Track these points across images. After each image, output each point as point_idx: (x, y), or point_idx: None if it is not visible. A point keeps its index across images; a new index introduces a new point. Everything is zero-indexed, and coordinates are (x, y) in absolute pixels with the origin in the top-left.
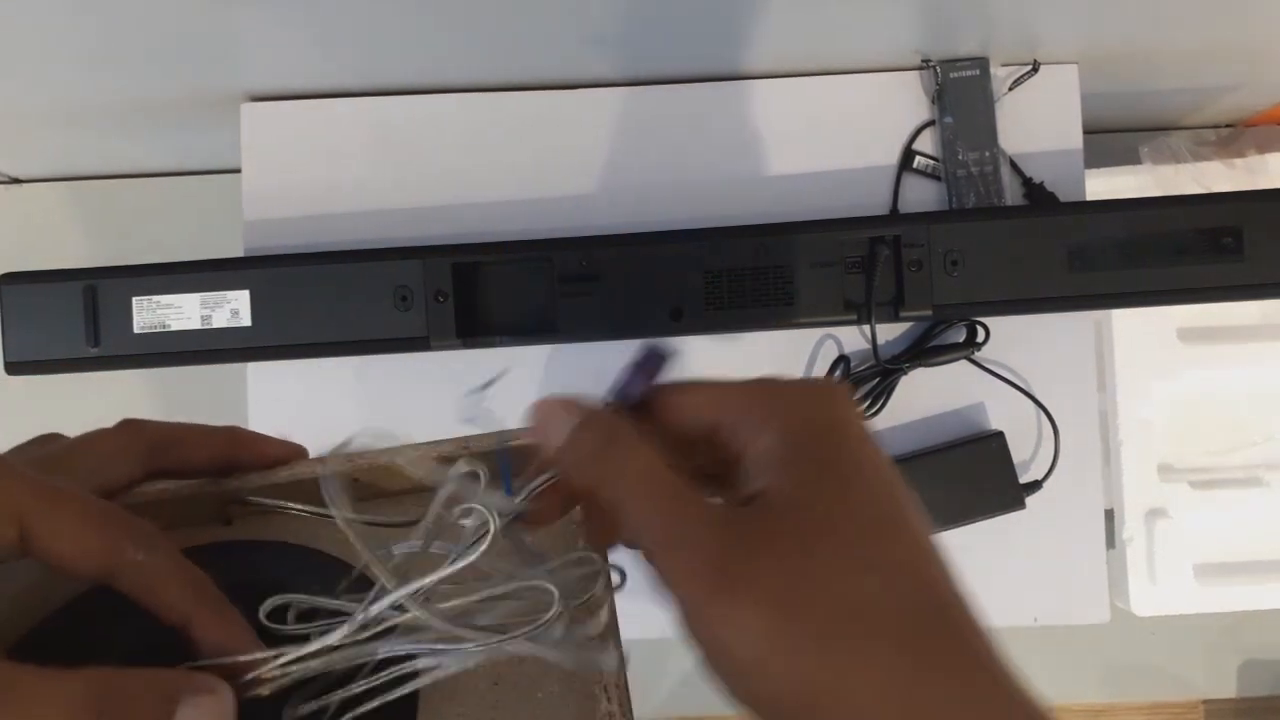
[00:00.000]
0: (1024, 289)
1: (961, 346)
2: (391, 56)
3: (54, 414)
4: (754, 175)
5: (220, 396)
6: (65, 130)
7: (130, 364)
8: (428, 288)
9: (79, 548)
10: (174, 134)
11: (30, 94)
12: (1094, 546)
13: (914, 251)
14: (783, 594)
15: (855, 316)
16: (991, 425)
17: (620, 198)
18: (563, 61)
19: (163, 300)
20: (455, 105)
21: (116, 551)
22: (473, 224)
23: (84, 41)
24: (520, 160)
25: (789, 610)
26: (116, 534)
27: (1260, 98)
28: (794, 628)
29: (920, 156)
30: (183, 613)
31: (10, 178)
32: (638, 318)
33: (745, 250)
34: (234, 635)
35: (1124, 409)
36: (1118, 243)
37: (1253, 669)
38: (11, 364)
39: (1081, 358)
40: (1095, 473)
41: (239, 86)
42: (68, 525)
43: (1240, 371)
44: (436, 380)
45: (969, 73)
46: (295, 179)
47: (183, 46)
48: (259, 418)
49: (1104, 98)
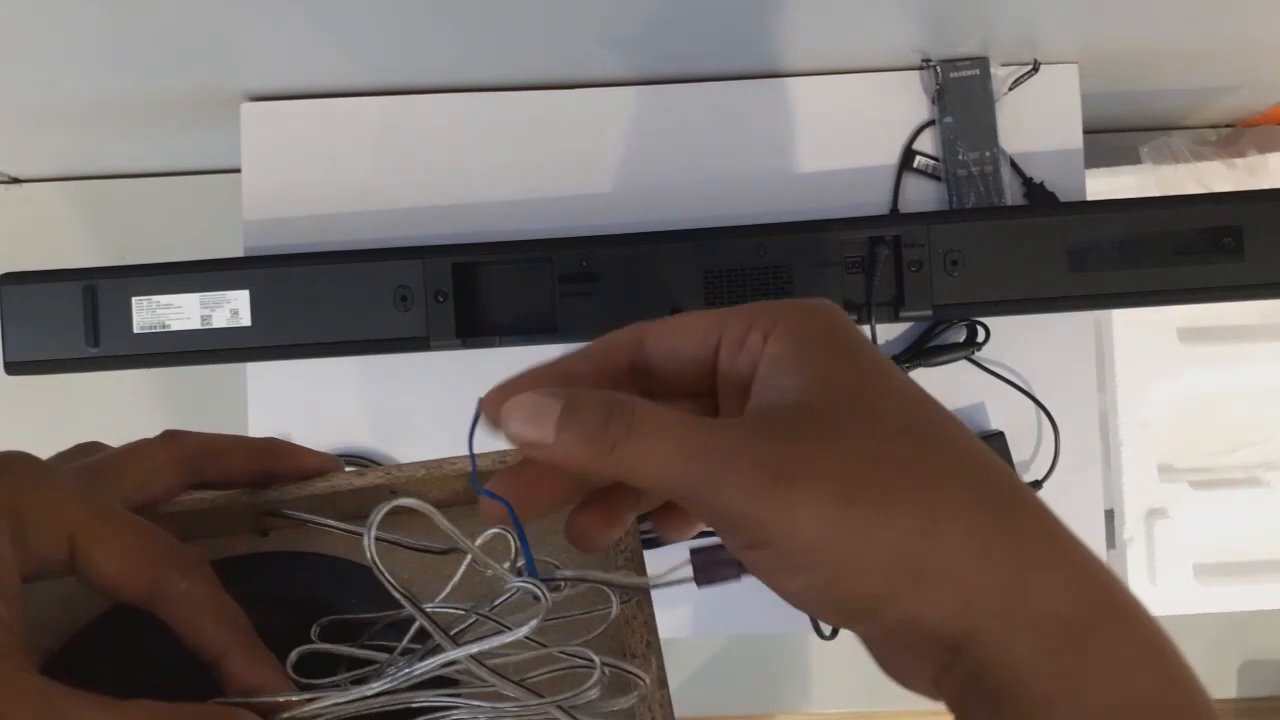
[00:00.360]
0: (1024, 289)
1: (961, 346)
2: (392, 57)
3: (54, 414)
4: (754, 175)
5: (220, 396)
6: (65, 130)
7: (130, 364)
8: (428, 288)
9: (126, 571)
10: (174, 134)
11: (30, 93)
12: (1094, 546)
13: (914, 251)
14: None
15: (855, 316)
16: (992, 425)
17: (620, 198)
18: (563, 62)
19: (163, 300)
20: (455, 105)
21: (162, 578)
22: (473, 224)
23: (84, 41)
24: (520, 160)
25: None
26: (163, 560)
27: (1260, 98)
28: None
29: (920, 156)
30: (218, 648)
31: (10, 177)
32: (638, 318)
33: (745, 250)
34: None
35: (1124, 409)
36: (1118, 243)
37: (1253, 669)
38: (11, 364)
39: (1081, 358)
40: (1095, 473)
41: (239, 86)
42: (118, 548)
43: (1240, 371)
44: (436, 380)
45: (969, 72)
46: (295, 179)
47: (183, 47)
48: (259, 418)
49: (1104, 98)
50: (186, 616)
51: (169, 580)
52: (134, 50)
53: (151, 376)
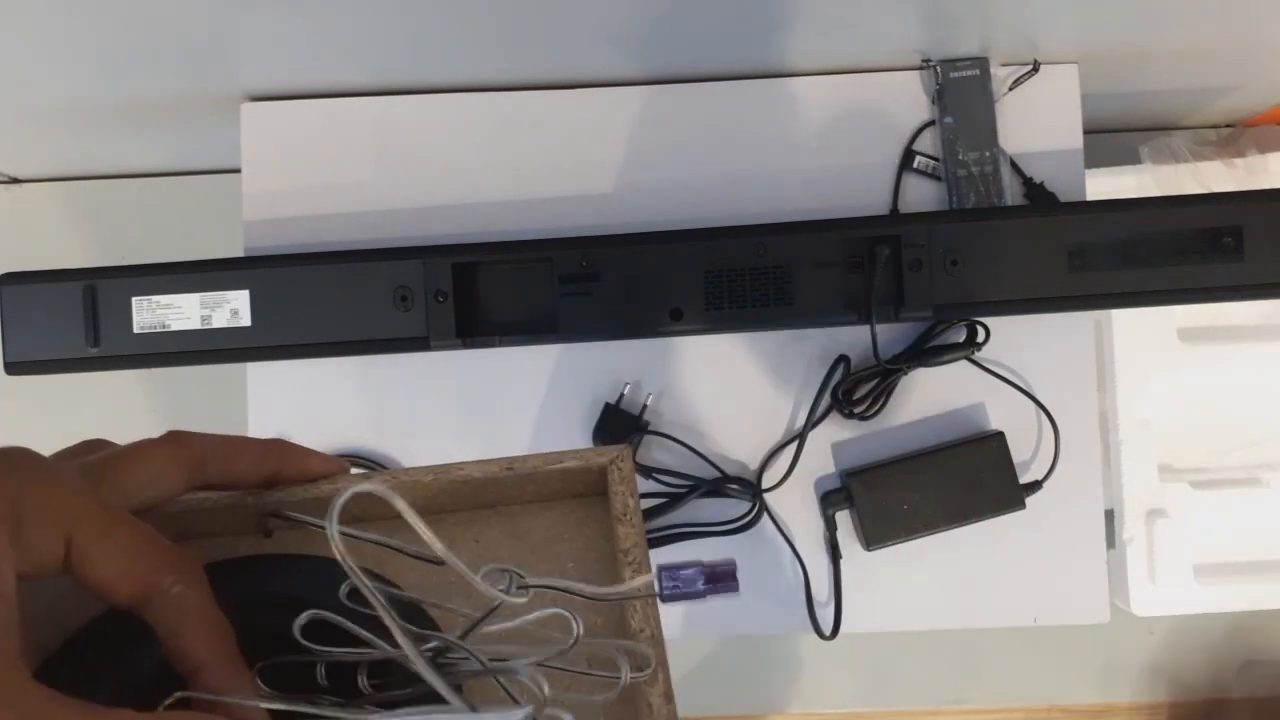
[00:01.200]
0: (1024, 289)
1: (962, 346)
2: (391, 57)
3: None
4: (754, 175)
5: (220, 397)
6: (65, 130)
7: (130, 364)
8: (428, 288)
9: (122, 574)
10: (174, 134)
11: (30, 94)
12: (1094, 547)
13: (914, 251)
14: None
15: (855, 316)
16: (991, 425)
17: (620, 197)
18: (563, 62)
19: (162, 300)
20: (455, 105)
21: (155, 584)
22: (473, 224)
23: (84, 42)
24: (520, 160)
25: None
26: (160, 566)
27: (1260, 98)
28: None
29: (920, 156)
30: (199, 659)
31: (10, 177)
32: (638, 318)
33: (745, 250)
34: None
35: (1124, 409)
36: (1118, 243)
37: (1253, 669)
38: (11, 364)
39: (1081, 358)
40: (1095, 473)
41: (239, 86)
42: (115, 550)
43: (1240, 371)
44: (436, 380)
45: (969, 73)
46: (295, 179)
47: (182, 47)
48: (259, 418)
49: (1104, 98)
50: (172, 623)
51: (162, 585)
52: (134, 51)
53: (152, 377)
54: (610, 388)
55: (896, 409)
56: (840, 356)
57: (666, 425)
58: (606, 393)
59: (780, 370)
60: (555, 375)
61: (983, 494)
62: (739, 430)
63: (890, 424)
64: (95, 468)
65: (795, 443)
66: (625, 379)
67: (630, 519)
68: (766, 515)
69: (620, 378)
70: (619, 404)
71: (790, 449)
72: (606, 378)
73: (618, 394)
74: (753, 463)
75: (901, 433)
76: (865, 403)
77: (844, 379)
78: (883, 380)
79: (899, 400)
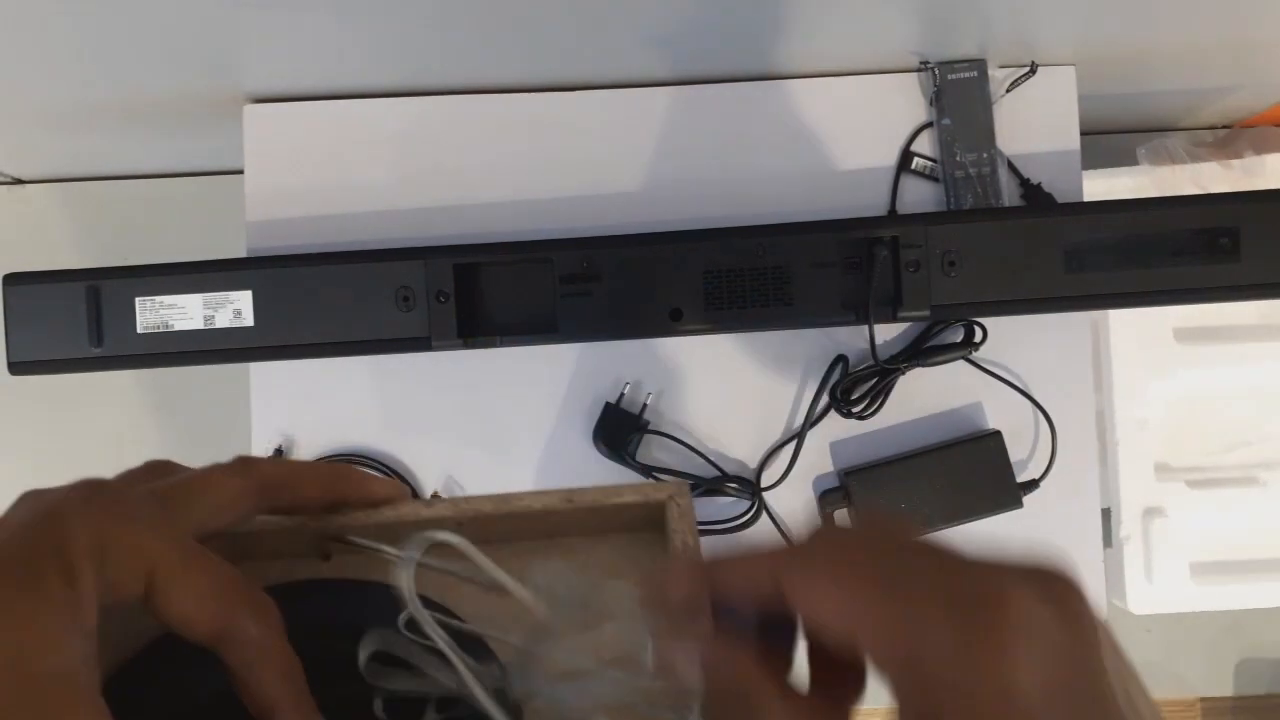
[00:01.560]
0: (1021, 289)
1: (959, 346)
2: (393, 60)
3: (56, 415)
4: (754, 175)
5: (223, 396)
6: (68, 131)
7: (133, 364)
8: (429, 288)
9: (200, 612)
10: (177, 135)
11: (33, 95)
12: (1091, 545)
13: (912, 252)
14: None
15: (854, 316)
16: (989, 425)
17: (620, 198)
18: (563, 64)
19: (166, 300)
20: (456, 107)
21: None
22: (474, 224)
23: (87, 43)
24: (520, 160)
25: None
26: (237, 605)
27: (1257, 99)
28: None
29: (918, 158)
30: (271, 701)
31: (13, 178)
32: (638, 318)
33: (745, 250)
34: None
35: (1121, 408)
36: (1115, 243)
37: (1249, 667)
38: (15, 364)
39: (1078, 358)
40: (1092, 472)
41: (241, 88)
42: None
43: (1236, 371)
44: (438, 380)
45: (967, 74)
46: (298, 180)
47: (186, 48)
48: (261, 418)
49: (1101, 99)
50: (248, 663)
51: (239, 624)
52: (137, 52)
53: (154, 377)
54: (610, 387)
55: (894, 408)
56: (838, 356)
57: (666, 424)
58: (606, 392)
59: (779, 370)
60: (556, 375)
61: (980, 493)
62: (738, 429)
63: (888, 423)
64: (167, 495)
65: (794, 442)
66: (625, 379)
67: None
68: (765, 514)
69: (620, 377)
70: (619, 403)
71: (789, 448)
72: (606, 377)
73: (618, 393)
74: (751, 462)
75: (899, 432)
76: (863, 402)
77: (842, 378)
78: (881, 380)
79: (897, 400)
